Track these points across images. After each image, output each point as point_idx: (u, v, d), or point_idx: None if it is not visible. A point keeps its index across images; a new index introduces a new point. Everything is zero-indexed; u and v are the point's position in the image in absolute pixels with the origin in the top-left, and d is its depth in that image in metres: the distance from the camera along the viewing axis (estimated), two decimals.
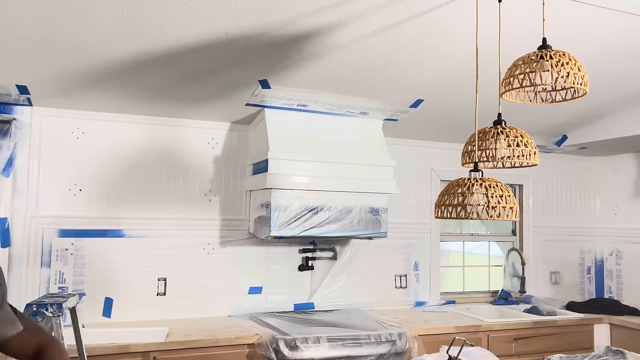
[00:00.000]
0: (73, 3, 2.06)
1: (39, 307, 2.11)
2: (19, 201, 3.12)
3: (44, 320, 2.12)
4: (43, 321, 2.12)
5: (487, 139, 1.93)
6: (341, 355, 2.97)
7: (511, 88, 1.75)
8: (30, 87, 2.87)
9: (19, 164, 3.12)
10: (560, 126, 3.95)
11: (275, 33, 2.36)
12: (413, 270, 4.09)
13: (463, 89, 3.00)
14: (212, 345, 2.88)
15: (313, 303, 3.74)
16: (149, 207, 3.40)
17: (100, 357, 2.68)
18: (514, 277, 4.33)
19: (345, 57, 2.65)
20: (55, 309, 2.12)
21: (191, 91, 3.02)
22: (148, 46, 2.43)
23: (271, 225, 3.11)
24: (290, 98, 3.14)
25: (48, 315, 2.12)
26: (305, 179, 3.19)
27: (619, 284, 4.53)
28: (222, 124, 3.59)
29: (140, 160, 3.40)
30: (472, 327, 3.46)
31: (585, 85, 1.68)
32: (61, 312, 2.14)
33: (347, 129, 3.47)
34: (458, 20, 2.35)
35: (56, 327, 2.14)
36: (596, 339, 3.90)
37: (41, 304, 2.12)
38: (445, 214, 1.81)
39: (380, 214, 3.39)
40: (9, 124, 3.07)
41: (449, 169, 4.17)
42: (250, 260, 3.62)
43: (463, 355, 2.14)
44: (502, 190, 1.78)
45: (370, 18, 2.29)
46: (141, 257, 3.36)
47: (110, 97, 3.06)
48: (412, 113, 3.46)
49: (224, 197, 3.59)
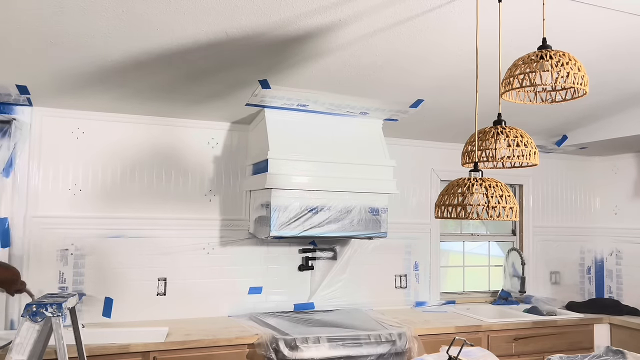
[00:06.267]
0: (73, 3, 2.06)
1: (39, 307, 2.12)
2: (19, 201, 3.12)
3: (43, 321, 2.12)
4: (42, 321, 2.12)
5: (487, 139, 1.93)
6: (341, 355, 2.97)
7: (511, 88, 1.75)
8: (30, 87, 2.87)
9: (19, 164, 3.12)
10: (560, 126, 3.95)
11: (275, 33, 2.36)
12: (413, 270, 4.09)
13: (463, 89, 3.00)
14: (212, 345, 2.88)
15: (313, 303, 3.74)
16: (149, 207, 3.40)
17: (100, 357, 2.68)
18: (514, 277, 4.33)
19: (345, 57, 2.65)
20: (55, 309, 2.13)
21: (191, 91, 3.02)
22: (148, 46, 2.43)
23: (271, 225, 3.11)
24: (290, 98, 3.14)
25: (48, 315, 2.12)
26: (305, 179, 3.19)
27: (619, 284, 4.53)
28: (222, 124, 3.59)
29: (140, 160, 3.40)
30: (472, 327, 3.46)
31: (585, 85, 1.68)
32: (61, 312, 2.14)
33: (347, 129, 3.47)
34: (458, 20, 2.35)
35: (56, 327, 2.14)
36: (596, 339, 3.90)
37: (41, 304, 2.12)
38: (445, 214, 1.81)
39: (380, 214, 3.39)
40: (9, 124, 3.07)
41: (449, 169, 4.17)
42: (250, 260, 3.62)
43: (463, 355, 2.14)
44: (502, 190, 1.78)
45: (370, 18, 2.29)
46: (141, 257, 3.36)
47: (110, 97, 3.06)
48: (412, 113, 3.46)
49: (224, 197, 3.59)
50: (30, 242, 3.14)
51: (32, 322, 2.11)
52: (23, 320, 2.11)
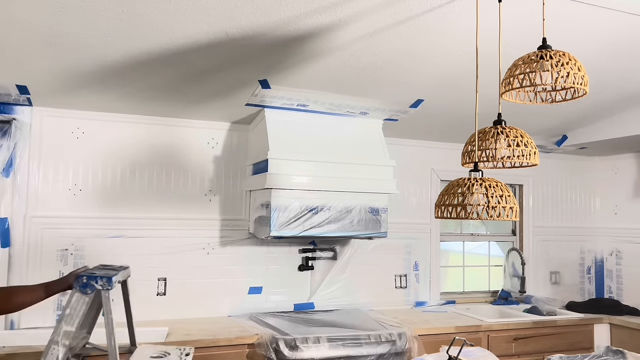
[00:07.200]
0: (73, 3, 2.06)
1: (89, 279, 2.05)
2: (19, 201, 3.12)
3: (93, 293, 2.05)
4: (92, 294, 2.05)
5: (487, 139, 1.93)
6: (341, 355, 2.97)
7: (511, 88, 1.75)
8: (30, 87, 2.87)
9: (19, 164, 3.12)
10: (560, 126, 3.95)
11: (275, 33, 2.36)
12: (413, 270, 4.09)
13: (463, 89, 3.00)
14: (212, 345, 2.88)
15: (313, 303, 3.74)
16: (149, 207, 3.40)
17: (100, 357, 2.68)
18: (514, 277, 4.33)
19: (345, 57, 2.65)
20: (105, 282, 2.05)
21: (191, 91, 3.02)
22: (148, 46, 2.43)
23: (271, 225, 3.11)
24: (290, 98, 3.14)
25: (97, 287, 2.05)
26: (305, 179, 3.19)
27: (619, 284, 4.53)
28: (222, 124, 3.59)
29: (140, 160, 3.40)
30: (472, 327, 3.46)
31: (585, 85, 1.68)
32: (110, 285, 2.07)
33: (347, 129, 3.47)
34: (458, 20, 2.35)
35: (105, 300, 2.08)
36: (596, 339, 3.90)
37: (91, 276, 2.05)
38: (445, 214, 1.81)
39: (380, 214, 3.39)
40: (9, 124, 3.07)
41: (449, 169, 4.17)
42: (250, 260, 3.62)
43: (463, 355, 2.14)
44: (502, 190, 1.78)
45: (370, 18, 2.29)
46: (141, 257, 3.36)
47: (110, 97, 3.06)
48: (412, 113, 3.46)
49: (224, 197, 3.59)
50: (30, 242, 3.14)
51: (82, 293, 2.05)
52: (74, 291, 2.05)
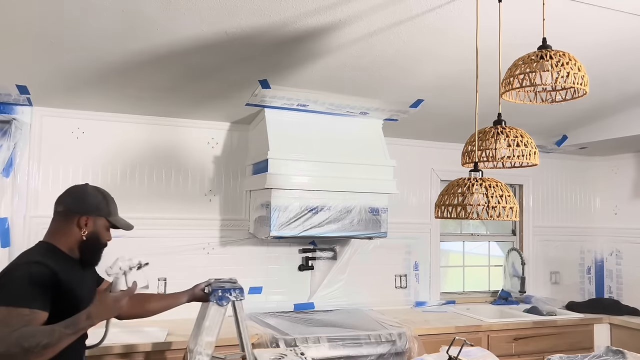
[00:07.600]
0: (73, 3, 2.06)
1: (224, 292, 2.29)
2: (19, 201, 3.12)
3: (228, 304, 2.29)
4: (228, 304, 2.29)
5: (487, 139, 1.93)
6: (341, 355, 2.97)
7: (511, 88, 1.75)
8: (30, 87, 2.87)
9: (19, 164, 3.12)
10: (560, 126, 3.95)
11: (275, 33, 2.36)
12: (413, 270, 4.09)
13: (463, 89, 3.00)
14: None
15: (313, 303, 3.74)
16: (148, 207, 3.40)
17: (100, 356, 2.68)
18: (514, 277, 4.33)
19: (345, 57, 2.65)
20: (238, 294, 2.31)
21: (191, 91, 3.02)
22: (148, 46, 2.43)
23: (271, 225, 3.10)
24: (290, 98, 3.14)
25: (232, 299, 2.30)
26: (305, 179, 3.19)
27: (619, 284, 4.53)
28: (222, 124, 3.59)
29: (140, 160, 3.40)
30: (472, 327, 3.46)
31: (585, 85, 1.68)
32: (243, 296, 2.33)
33: (347, 129, 3.47)
34: (458, 20, 2.35)
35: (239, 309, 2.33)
36: (596, 339, 3.90)
37: (225, 290, 2.29)
38: (445, 214, 1.81)
39: (380, 214, 3.39)
40: (9, 124, 3.07)
41: (449, 169, 4.17)
42: (250, 260, 3.62)
43: (463, 355, 2.14)
44: (502, 190, 1.78)
45: (370, 18, 2.29)
46: (141, 257, 3.35)
47: (110, 97, 3.06)
48: (412, 113, 3.46)
49: (224, 197, 3.59)
50: (30, 242, 3.09)
51: (219, 306, 2.28)
52: (211, 304, 2.28)
